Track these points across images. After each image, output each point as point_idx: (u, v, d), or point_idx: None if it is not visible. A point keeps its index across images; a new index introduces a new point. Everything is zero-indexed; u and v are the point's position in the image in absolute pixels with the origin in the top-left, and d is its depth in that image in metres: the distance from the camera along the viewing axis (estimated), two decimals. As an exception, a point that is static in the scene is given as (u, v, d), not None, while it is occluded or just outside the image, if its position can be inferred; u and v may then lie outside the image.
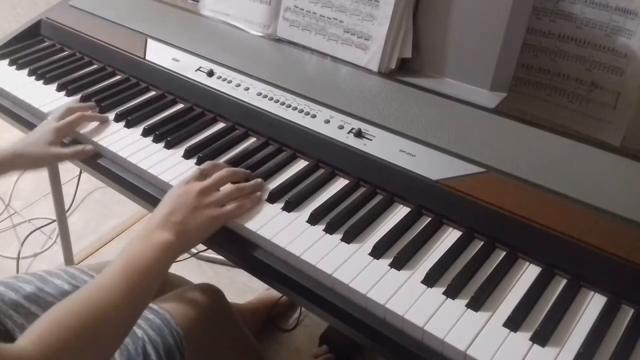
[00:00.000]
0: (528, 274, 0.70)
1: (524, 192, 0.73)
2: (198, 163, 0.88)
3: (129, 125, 0.96)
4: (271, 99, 0.94)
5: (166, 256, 0.68)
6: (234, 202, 0.77)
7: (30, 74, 1.13)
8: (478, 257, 0.71)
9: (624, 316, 0.64)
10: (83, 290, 0.62)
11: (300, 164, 0.88)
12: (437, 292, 0.67)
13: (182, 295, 0.91)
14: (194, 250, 1.60)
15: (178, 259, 0.72)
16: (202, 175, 0.78)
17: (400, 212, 0.79)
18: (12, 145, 0.89)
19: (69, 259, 1.61)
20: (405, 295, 0.66)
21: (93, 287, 0.63)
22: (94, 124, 0.97)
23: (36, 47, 1.22)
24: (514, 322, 0.63)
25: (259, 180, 0.82)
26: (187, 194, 0.74)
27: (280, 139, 0.91)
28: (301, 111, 0.91)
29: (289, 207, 0.79)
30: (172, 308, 0.85)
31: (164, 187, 0.85)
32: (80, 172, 1.56)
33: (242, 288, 1.56)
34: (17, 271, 1.69)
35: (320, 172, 0.86)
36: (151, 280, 0.67)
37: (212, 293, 0.95)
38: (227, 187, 0.78)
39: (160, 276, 0.69)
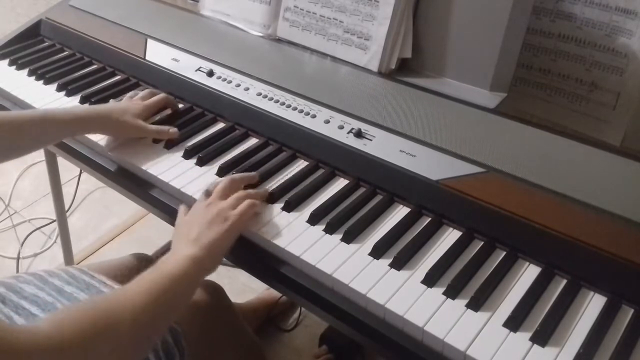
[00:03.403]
0: (528, 274, 0.70)
1: (524, 192, 0.73)
2: (198, 163, 0.88)
3: (129, 125, 0.96)
4: (271, 99, 0.94)
5: (194, 269, 0.68)
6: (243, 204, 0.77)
7: (30, 74, 1.13)
8: (478, 257, 0.71)
9: (624, 316, 0.64)
10: (108, 293, 0.63)
11: (300, 164, 0.88)
12: (437, 292, 0.67)
13: None
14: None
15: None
16: (206, 195, 0.78)
17: (400, 212, 0.79)
18: (106, 107, 0.92)
19: (69, 259, 1.61)
20: (405, 296, 0.66)
21: (118, 291, 0.63)
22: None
23: (36, 47, 1.22)
24: (514, 322, 0.63)
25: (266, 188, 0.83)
26: (196, 212, 0.75)
27: (280, 139, 0.91)
28: (301, 111, 0.91)
29: (289, 207, 0.79)
30: None
31: (163, 187, 0.85)
32: (80, 172, 1.56)
33: (242, 288, 1.56)
34: (17, 271, 1.69)
35: (320, 172, 0.86)
36: (178, 291, 0.66)
37: (212, 290, 0.95)
38: (235, 195, 0.78)
39: (189, 290, 0.69)
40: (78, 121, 0.87)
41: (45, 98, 1.05)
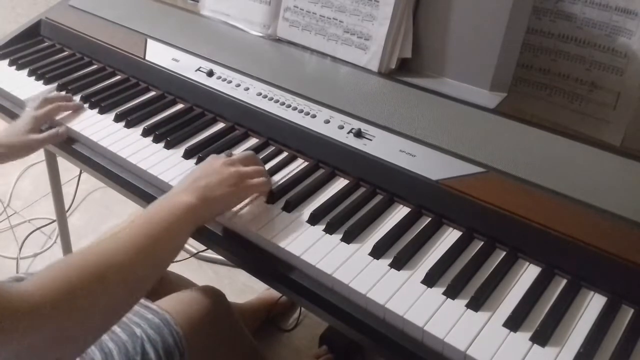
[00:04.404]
0: (528, 274, 0.70)
1: (524, 192, 0.73)
2: (198, 163, 0.88)
3: (129, 125, 0.96)
4: (271, 99, 0.94)
5: (186, 217, 0.68)
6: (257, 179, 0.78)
7: (30, 74, 1.13)
8: (478, 257, 0.71)
9: (624, 316, 0.64)
10: (98, 242, 0.61)
11: (300, 164, 0.88)
12: (437, 292, 0.67)
13: (183, 297, 0.91)
14: (193, 250, 1.60)
15: (179, 258, 0.71)
16: (227, 155, 0.79)
17: (400, 212, 0.79)
18: None
19: (69, 259, 1.61)
20: (405, 296, 0.66)
21: (109, 239, 0.62)
22: (84, 117, 0.99)
23: (36, 47, 1.22)
24: (514, 322, 0.63)
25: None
26: (214, 163, 0.75)
27: (280, 139, 0.91)
28: (301, 111, 0.91)
29: (289, 207, 0.79)
30: (172, 309, 0.85)
31: (164, 187, 0.85)
32: (80, 172, 1.56)
33: (242, 288, 1.56)
34: (17, 271, 1.69)
35: (320, 172, 0.86)
36: (169, 239, 0.66)
37: (214, 296, 0.95)
38: (255, 167, 0.79)
39: (180, 237, 0.68)
40: None
41: (45, 98, 1.05)
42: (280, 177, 0.85)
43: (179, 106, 1.02)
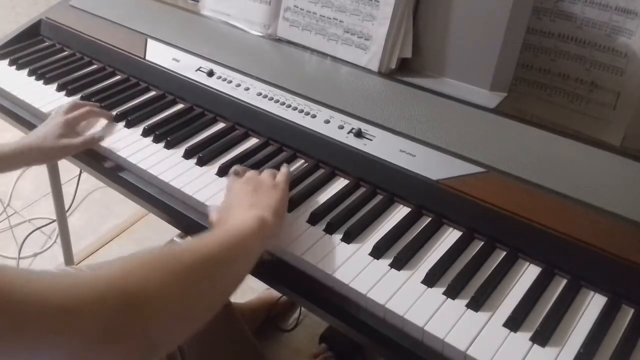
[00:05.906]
0: (528, 274, 0.70)
1: (524, 192, 0.73)
2: (198, 163, 0.88)
3: (129, 125, 0.97)
4: (271, 99, 0.94)
5: (261, 230, 0.66)
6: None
7: (30, 74, 1.13)
8: (478, 257, 0.71)
9: (624, 316, 0.64)
10: (183, 245, 0.60)
11: (301, 164, 0.88)
12: (437, 292, 0.67)
13: None
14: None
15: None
16: (236, 174, 0.79)
17: (400, 212, 0.79)
18: (24, 140, 0.90)
19: (69, 259, 1.61)
20: (405, 295, 0.66)
21: (193, 245, 0.60)
22: (101, 123, 0.98)
23: (36, 47, 1.22)
24: (514, 322, 0.63)
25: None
26: (237, 188, 0.75)
27: (280, 139, 0.91)
28: (301, 111, 0.91)
29: (289, 207, 0.79)
30: None
31: (164, 187, 0.85)
32: (80, 172, 1.56)
33: (242, 288, 1.55)
34: (17, 271, 1.69)
35: (320, 172, 0.86)
36: (246, 251, 0.64)
37: None
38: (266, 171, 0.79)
39: (256, 250, 0.66)
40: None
41: (45, 98, 1.05)
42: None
43: (179, 106, 1.02)
